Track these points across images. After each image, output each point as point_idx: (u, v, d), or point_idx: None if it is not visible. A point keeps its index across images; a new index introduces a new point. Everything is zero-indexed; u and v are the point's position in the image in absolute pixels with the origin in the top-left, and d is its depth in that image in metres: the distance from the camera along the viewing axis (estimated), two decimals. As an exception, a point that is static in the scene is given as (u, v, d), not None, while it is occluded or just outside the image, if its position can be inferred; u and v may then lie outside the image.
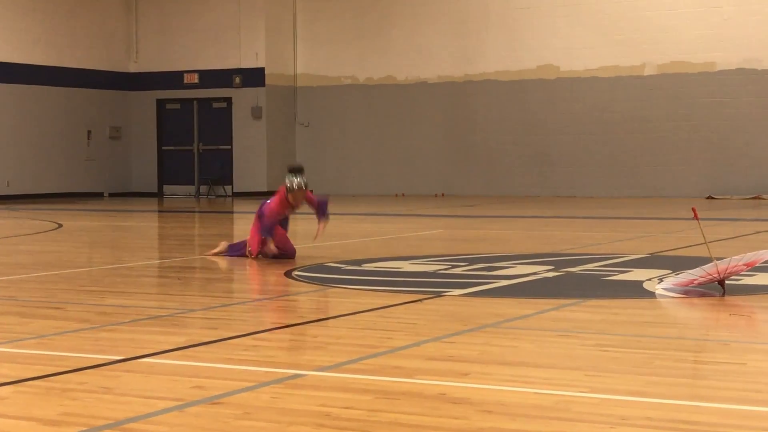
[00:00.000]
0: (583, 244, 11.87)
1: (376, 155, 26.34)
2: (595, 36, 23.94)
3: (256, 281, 9.01)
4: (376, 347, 5.43)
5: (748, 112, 22.74)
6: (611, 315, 6.63)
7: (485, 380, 4.67)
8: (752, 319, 6.41)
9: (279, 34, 26.67)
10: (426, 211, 19.12)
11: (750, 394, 4.36)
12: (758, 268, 8.86)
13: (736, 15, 22.76)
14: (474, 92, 25.30)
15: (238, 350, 5.41)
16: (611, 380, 4.64)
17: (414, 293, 7.52)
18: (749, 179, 22.75)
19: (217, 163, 27.21)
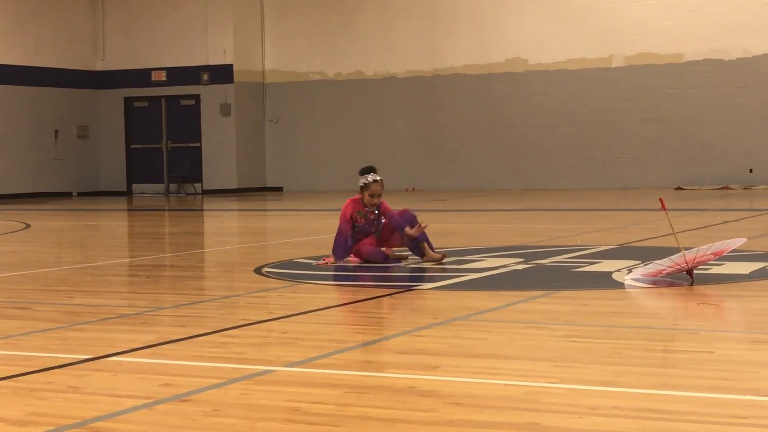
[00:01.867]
0: (552, 237, 11.90)
1: (345, 151, 26.31)
2: (563, 29, 24.01)
3: (225, 278, 8.97)
4: (346, 342, 5.43)
5: (716, 103, 22.88)
6: (580, 306, 6.65)
7: (455, 373, 4.67)
8: (720, 308, 6.45)
9: (246, 31, 26.59)
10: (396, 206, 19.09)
11: (718, 382, 4.38)
12: (726, 257, 8.91)
13: (703, 6, 22.88)
14: (443, 86, 25.33)
15: (207, 347, 5.39)
16: (580, 371, 4.66)
17: (384, 288, 7.52)
18: (717, 170, 22.90)
19: (186, 160, 27.10)
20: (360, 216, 9.32)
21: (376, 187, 9.31)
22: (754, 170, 22.65)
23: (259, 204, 21.77)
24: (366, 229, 9.32)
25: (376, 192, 9.29)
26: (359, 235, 9.28)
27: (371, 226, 9.33)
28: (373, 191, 9.29)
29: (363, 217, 9.32)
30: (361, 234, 9.29)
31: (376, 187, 9.31)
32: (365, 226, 9.32)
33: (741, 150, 22.73)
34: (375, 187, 9.30)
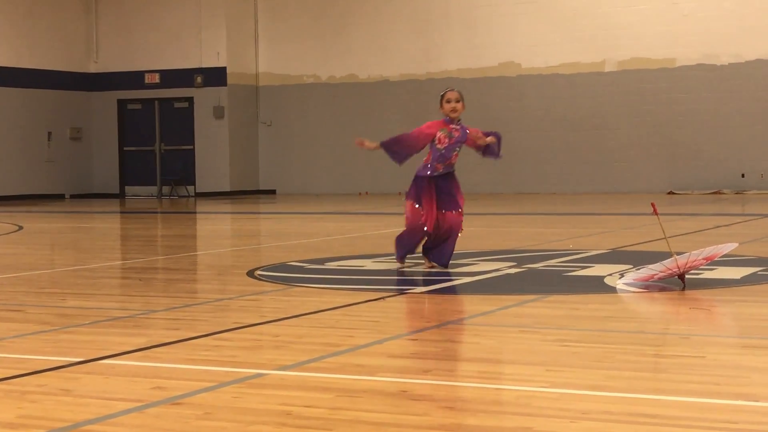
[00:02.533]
0: (545, 241, 11.92)
1: (339, 154, 26.31)
2: (556, 33, 24.05)
3: (218, 281, 8.97)
4: (338, 345, 5.43)
5: (708, 108, 22.92)
6: (572, 310, 6.66)
7: (447, 377, 4.68)
8: (712, 313, 6.46)
9: (240, 34, 26.59)
10: (389, 209, 19.13)
11: (709, 387, 4.39)
12: (717, 262, 8.93)
13: (695, 11, 22.94)
14: (436, 90, 25.15)
15: (199, 350, 5.38)
16: (572, 375, 4.66)
17: (377, 291, 7.52)
18: (709, 175, 22.94)
19: (179, 163, 27.08)
20: (444, 134, 8.70)
21: (452, 94, 8.69)
22: (746, 175, 22.70)
23: (252, 207, 21.76)
24: (446, 155, 8.71)
25: (453, 98, 8.67)
26: (438, 162, 8.71)
27: (451, 152, 8.70)
28: (449, 98, 8.67)
29: (447, 135, 8.70)
30: (441, 161, 8.71)
31: (452, 94, 8.69)
32: (447, 151, 8.70)
33: (733, 155, 22.78)
34: (450, 94, 8.69)
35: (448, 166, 8.81)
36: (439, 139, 8.71)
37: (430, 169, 8.78)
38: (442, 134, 8.71)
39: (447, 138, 8.71)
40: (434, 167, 8.77)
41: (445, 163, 8.77)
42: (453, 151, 8.75)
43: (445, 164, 8.78)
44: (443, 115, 8.78)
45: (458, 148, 8.77)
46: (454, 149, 8.75)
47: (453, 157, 8.78)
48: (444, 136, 8.71)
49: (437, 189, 8.76)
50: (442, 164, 8.77)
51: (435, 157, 8.77)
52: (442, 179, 8.80)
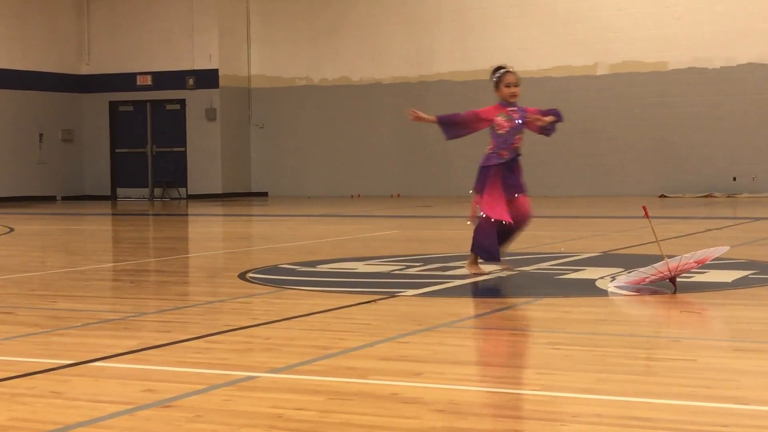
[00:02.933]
0: (536, 243, 11.92)
1: (331, 156, 26.31)
2: (548, 36, 24.08)
3: (209, 284, 8.96)
4: (329, 348, 5.42)
5: (700, 111, 22.97)
6: (563, 313, 6.66)
7: (438, 380, 4.67)
8: (703, 316, 6.47)
9: (232, 36, 26.57)
10: (381, 211, 19.13)
11: (700, 390, 4.40)
12: (708, 265, 8.94)
13: (688, 15, 22.98)
14: (428, 93, 25.35)
15: (190, 353, 5.37)
16: (563, 378, 4.66)
17: (368, 294, 7.52)
18: (701, 178, 22.98)
19: (171, 165, 27.06)
20: (503, 118, 8.38)
21: (511, 77, 8.37)
22: (738, 178, 22.74)
23: (244, 209, 21.75)
24: (509, 139, 8.38)
25: (512, 82, 8.36)
26: (503, 149, 8.41)
27: (513, 135, 8.38)
28: (509, 81, 8.35)
29: (507, 119, 8.37)
30: (502, 146, 8.40)
31: (511, 77, 8.37)
32: (509, 135, 8.38)
33: (724, 158, 22.82)
34: (510, 77, 8.36)
35: (513, 151, 8.47)
36: (499, 124, 8.39)
37: (496, 157, 8.45)
38: (501, 118, 8.39)
39: (507, 121, 8.39)
40: (499, 155, 8.45)
41: (510, 148, 8.44)
42: (516, 134, 8.41)
43: (510, 149, 8.44)
44: (498, 99, 8.47)
45: (521, 131, 8.43)
46: (517, 132, 8.41)
47: (516, 141, 8.42)
48: (504, 120, 8.39)
49: (502, 176, 8.44)
50: (507, 150, 8.44)
51: (498, 144, 8.43)
52: (507, 166, 8.47)
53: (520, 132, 8.43)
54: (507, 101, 8.41)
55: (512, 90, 8.37)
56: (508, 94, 8.37)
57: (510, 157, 8.46)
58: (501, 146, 8.43)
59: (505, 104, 8.43)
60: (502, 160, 8.44)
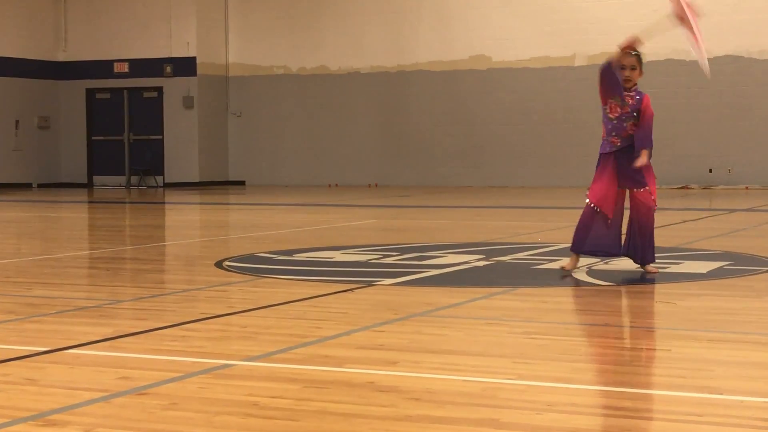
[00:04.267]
0: (514, 234, 11.95)
1: (308, 145, 26.28)
2: (527, 27, 24.10)
3: (186, 272, 8.94)
4: (306, 337, 5.42)
5: (677, 103, 23.05)
6: (540, 303, 6.68)
7: (414, 368, 4.68)
8: (678, 307, 6.50)
9: (210, 24, 26.47)
10: (359, 201, 19.13)
11: (674, 380, 4.42)
12: (684, 256, 9.01)
13: (665, 6, 22.95)
14: (407, 82, 25.34)
15: (166, 341, 5.36)
16: (538, 367, 4.68)
17: (345, 283, 7.52)
18: (678, 169, 23.07)
19: (148, 153, 26.95)
20: (616, 102, 7.80)
21: (627, 60, 7.74)
22: (714, 170, 22.85)
23: (221, 197, 21.70)
24: (620, 125, 7.80)
25: (628, 64, 7.73)
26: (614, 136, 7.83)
27: (627, 121, 7.79)
28: (624, 64, 7.74)
29: (620, 103, 7.78)
30: (617, 133, 7.81)
31: (627, 59, 7.74)
32: (620, 121, 7.80)
33: (701, 150, 22.92)
34: (625, 60, 7.74)
35: (627, 139, 7.83)
36: (611, 107, 7.82)
37: (608, 144, 7.88)
38: (614, 102, 7.81)
39: (620, 107, 7.80)
40: (610, 142, 7.88)
41: (623, 135, 7.83)
42: (629, 120, 7.80)
43: (623, 137, 7.83)
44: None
45: (635, 118, 7.82)
46: (630, 118, 7.80)
47: (629, 128, 7.81)
48: (616, 105, 7.81)
49: (618, 166, 7.84)
50: (619, 137, 7.84)
51: (608, 130, 7.88)
52: (623, 155, 7.83)
53: (635, 119, 7.83)
54: (623, 85, 7.79)
55: (626, 74, 7.76)
56: (622, 77, 7.77)
57: (624, 145, 7.83)
58: (612, 132, 7.86)
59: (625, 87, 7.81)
60: (614, 147, 7.85)
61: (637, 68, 7.82)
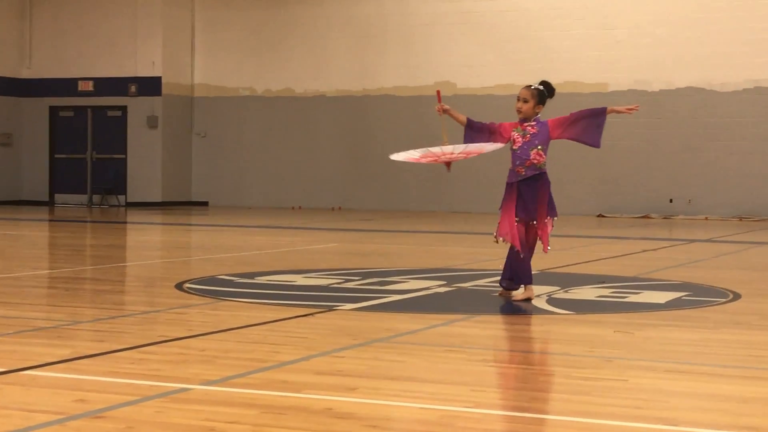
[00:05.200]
0: (475, 260, 12.00)
1: (273, 167, 26.26)
2: (492, 55, 24.26)
3: (146, 293, 8.90)
4: (265, 361, 5.41)
5: (638, 132, 23.26)
6: (499, 331, 6.71)
7: (372, 395, 4.69)
8: (635, 337, 6.55)
9: (177, 44, 26.43)
10: (322, 224, 19.12)
11: (630, 410, 4.45)
12: (643, 286, 9.09)
13: (628, 38, 23.29)
14: (372, 106, 25.42)
15: (123, 363, 5.34)
16: (496, 395, 4.70)
17: (305, 307, 7.52)
18: (638, 199, 23.26)
19: (110, 172, 26.82)
20: (518, 134, 8.19)
21: (521, 92, 8.19)
22: (674, 200, 23.06)
23: (184, 218, 21.62)
24: (523, 155, 8.13)
25: (520, 96, 8.17)
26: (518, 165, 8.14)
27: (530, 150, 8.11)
28: (519, 96, 8.20)
29: (521, 134, 8.17)
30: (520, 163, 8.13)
31: (521, 91, 8.20)
32: (522, 151, 8.13)
33: (661, 180, 23.13)
34: (520, 92, 8.21)
35: (531, 168, 8.15)
36: (514, 139, 8.20)
37: (513, 174, 8.23)
38: (516, 134, 8.20)
39: (521, 136, 8.18)
40: (515, 172, 8.21)
41: (526, 164, 8.15)
42: (532, 149, 8.12)
43: (527, 166, 8.15)
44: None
45: (540, 146, 8.14)
46: (533, 147, 8.13)
47: (533, 156, 8.12)
48: (518, 136, 8.19)
49: (518, 198, 8.18)
50: (523, 166, 8.15)
51: (513, 160, 8.21)
52: (526, 185, 8.19)
53: (540, 147, 8.15)
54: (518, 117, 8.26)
55: (517, 105, 8.22)
56: (516, 108, 8.25)
57: (528, 174, 8.15)
58: (516, 162, 8.19)
59: (522, 120, 8.25)
60: (519, 177, 8.18)
61: (530, 101, 8.16)
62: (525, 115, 8.21)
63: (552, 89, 8.36)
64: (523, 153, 8.16)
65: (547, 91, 8.30)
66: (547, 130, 8.22)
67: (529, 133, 8.17)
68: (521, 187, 8.19)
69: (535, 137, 8.16)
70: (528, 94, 8.19)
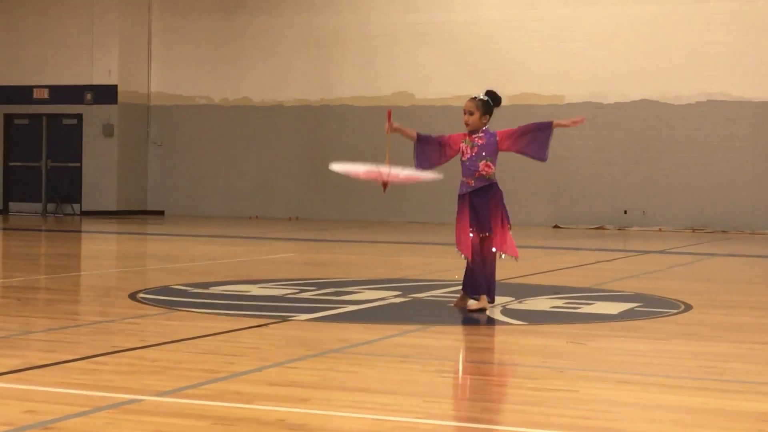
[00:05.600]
0: (431, 270, 12.03)
1: (230, 177, 26.17)
2: (450, 66, 24.36)
3: (99, 303, 8.83)
4: (217, 372, 5.40)
5: (594, 144, 23.44)
6: (454, 341, 6.74)
7: (325, 406, 4.69)
8: (587, 347, 6.60)
9: (133, 52, 26.30)
10: (279, 234, 19.09)
11: (580, 421, 4.49)
12: (596, 297, 9.16)
13: (585, 51, 23.47)
14: (330, 116, 25.42)
15: (75, 374, 5.30)
16: (448, 406, 4.72)
17: (260, 317, 7.50)
18: (593, 210, 23.43)
19: (65, 180, 26.61)
20: (467, 145, 8.21)
21: (466, 104, 8.24)
22: (629, 212, 23.24)
23: (139, 227, 21.49)
24: (471, 167, 8.17)
25: (466, 108, 8.22)
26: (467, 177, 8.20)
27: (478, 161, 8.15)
28: (464, 109, 8.24)
29: (469, 145, 8.20)
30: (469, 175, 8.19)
31: (466, 103, 8.25)
32: (471, 162, 8.17)
33: (616, 191, 23.31)
34: (466, 104, 8.25)
35: (480, 179, 8.21)
36: (463, 150, 8.23)
37: (464, 185, 8.26)
38: (465, 145, 8.23)
39: (470, 148, 8.21)
40: (465, 183, 8.25)
41: (475, 176, 8.20)
42: (480, 160, 8.17)
43: (476, 177, 8.20)
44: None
45: (488, 158, 8.20)
46: (481, 159, 8.17)
47: (482, 168, 8.17)
48: (467, 147, 8.22)
49: (471, 209, 8.20)
50: (472, 178, 8.20)
51: (463, 172, 8.25)
52: (477, 196, 8.22)
53: (489, 158, 8.21)
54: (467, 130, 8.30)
55: (464, 118, 8.26)
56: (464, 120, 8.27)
57: (478, 185, 8.20)
58: (465, 174, 8.23)
59: (470, 131, 8.28)
60: (469, 188, 8.22)
61: (476, 113, 8.19)
62: (472, 127, 8.26)
63: (497, 98, 8.40)
64: (472, 164, 8.20)
65: (492, 100, 8.34)
66: (496, 141, 8.26)
67: (477, 144, 8.21)
68: (473, 199, 8.22)
69: (483, 148, 8.20)
70: (473, 106, 8.22)
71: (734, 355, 6.41)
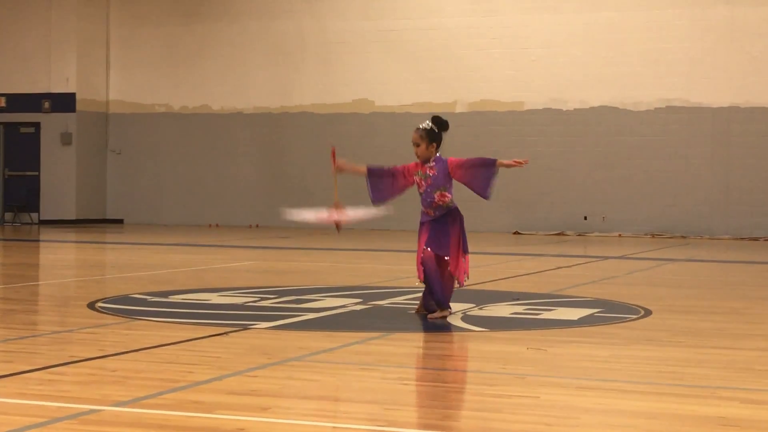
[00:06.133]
0: (392, 277, 12.03)
1: (189, 185, 26.05)
2: (410, 73, 24.40)
3: (58, 313, 8.76)
4: (177, 381, 5.36)
5: (554, 151, 23.56)
6: (414, 348, 6.74)
7: (285, 415, 4.67)
8: (547, 353, 6.62)
9: (91, 60, 26.12)
10: (238, 242, 19.02)
11: (540, 427, 4.50)
12: (557, 303, 9.20)
13: (544, 57, 23.60)
14: (290, 124, 25.37)
15: (32, 384, 5.25)
16: (408, 414, 4.72)
17: (220, 326, 7.46)
18: (553, 216, 23.54)
19: (23, 189, 26.37)
20: (420, 177, 8.17)
21: (412, 135, 8.19)
22: (588, 218, 23.38)
23: (98, 236, 21.33)
24: (427, 198, 8.16)
25: (413, 140, 8.17)
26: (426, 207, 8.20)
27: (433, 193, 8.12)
28: (412, 141, 8.18)
29: (422, 177, 8.15)
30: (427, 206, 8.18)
31: (412, 134, 8.20)
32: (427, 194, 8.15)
33: (576, 197, 23.44)
34: (413, 136, 8.19)
35: (439, 209, 8.19)
36: (418, 183, 8.21)
37: (424, 215, 8.27)
38: (418, 178, 8.21)
39: (423, 180, 8.20)
40: (426, 213, 8.26)
41: (433, 206, 8.20)
42: (435, 191, 8.14)
43: (434, 207, 8.20)
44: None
45: (442, 187, 8.14)
46: (436, 190, 8.14)
47: (438, 198, 8.15)
48: (420, 180, 8.21)
49: (432, 234, 8.15)
50: (431, 208, 8.21)
51: (421, 203, 8.25)
52: (437, 222, 8.21)
53: (442, 188, 8.16)
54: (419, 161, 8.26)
55: (414, 150, 8.23)
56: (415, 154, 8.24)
57: (438, 214, 8.18)
58: (423, 205, 8.25)
59: (423, 162, 8.23)
60: (429, 218, 8.21)
61: (422, 144, 8.15)
62: (423, 158, 8.22)
63: (443, 123, 8.33)
64: (428, 196, 8.19)
65: (438, 126, 8.27)
66: (446, 169, 8.20)
67: (430, 175, 8.17)
68: (432, 224, 8.22)
69: (436, 180, 8.16)
70: (417, 138, 8.19)
71: (693, 360, 6.46)
